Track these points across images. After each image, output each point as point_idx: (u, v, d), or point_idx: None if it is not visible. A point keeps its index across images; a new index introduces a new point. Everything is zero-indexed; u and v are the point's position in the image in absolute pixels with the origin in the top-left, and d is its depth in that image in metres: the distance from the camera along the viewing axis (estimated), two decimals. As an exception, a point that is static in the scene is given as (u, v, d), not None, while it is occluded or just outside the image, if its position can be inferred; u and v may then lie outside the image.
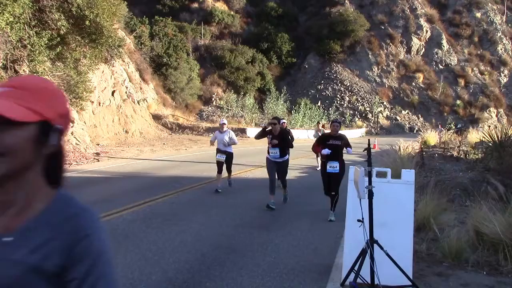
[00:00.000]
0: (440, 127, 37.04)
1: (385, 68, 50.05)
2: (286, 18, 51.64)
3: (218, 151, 9.05)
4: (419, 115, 47.41)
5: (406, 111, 47.73)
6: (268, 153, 7.64)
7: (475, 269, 4.34)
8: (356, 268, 3.64)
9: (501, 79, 50.67)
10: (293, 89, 47.71)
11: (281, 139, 7.45)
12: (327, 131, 9.68)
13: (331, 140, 6.74)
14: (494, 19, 53.88)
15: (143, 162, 14.49)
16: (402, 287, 3.67)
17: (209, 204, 7.72)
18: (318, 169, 10.13)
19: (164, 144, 22.28)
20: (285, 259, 4.79)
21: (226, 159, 8.93)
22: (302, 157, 15.94)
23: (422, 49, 51.30)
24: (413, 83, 49.08)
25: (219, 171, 8.94)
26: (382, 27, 51.47)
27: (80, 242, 0.96)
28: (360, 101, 47.38)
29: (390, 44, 50.77)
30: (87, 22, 15.58)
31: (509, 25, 54.95)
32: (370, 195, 3.64)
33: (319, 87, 48.52)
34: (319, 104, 45.10)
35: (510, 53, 52.35)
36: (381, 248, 3.60)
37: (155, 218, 6.45)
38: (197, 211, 7.08)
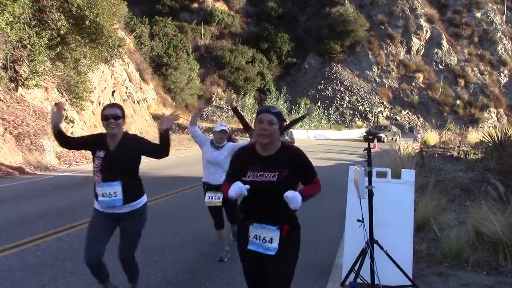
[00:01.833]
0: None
1: (385, 68, 50.05)
2: (286, 18, 51.66)
3: (208, 186, 4.69)
4: (419, 115, 47.41)
5: (406, 111, 47.74)
6: (96, 196, 3.35)
7: (475, 269, 4.34)
8: (356, 268, 3.64)
9: (501, 79, 50.67)
10: (293, 89, 47.72)
11: (124, 162, 3.32)
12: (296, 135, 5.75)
13: (251, 169, 2.60)
14: (494, 19, 53.87)
15: (143, 162, 14.46)
16: (402, 287, 3.67)
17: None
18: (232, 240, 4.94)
19: (164, 144, 22.25)
20: (285, 259, 4.78)
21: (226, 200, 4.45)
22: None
23: (422, 49, 51.29)
24: (413, 83, 49.09)
25: (218, 223, 4.72)
26: (382, 27, 51.46)
27: None
28: (360, 101, 47.38)
29: (390, 44, 50.77)
30: (87, 22, 15.59)
31: (509, 25, 54.95)
32: (370, 195, 3.64)
33: (319, 87, 48.51)
34: (319, 104, 45.11)
35: (510, 53, 52.35)
36: (381, 248, 3.60)
37: (155, 218, 6.44)
38: (197, 211, 7.06)
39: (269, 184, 2.54)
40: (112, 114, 3.22)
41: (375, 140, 25.59)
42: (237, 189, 2.51)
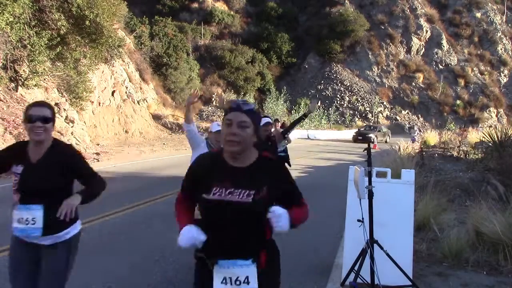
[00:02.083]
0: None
1: (385, 68, 50.05)
2: (286, 18, 51.64)
3: None
4: (419, 115, 47.42)
5: (406, 111, 47.73)
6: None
7: (475, 269, 4.34)
8: (356, 268, 3.65)
9: (501, 79, 50.68)
10: (293, 89, 47.70)
11: (50, 179, 2.46)
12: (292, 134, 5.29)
13: (217, 185, 1.93)
14: (494, 19, 53.87)
15: (143, 162, 14.49)
16: (402, 287, 3.67)
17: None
18: None
19: (164, 144, 22.28)
20: (285, 259, 4.77)
21: None
22: (301, 158, 15.94)
23: (422, 49, 51.29)
24: (413, 83, 49.08)
25: None
26: (382, 27, 51.46)
27: None
28: (360, 101, 47.38)
29: (390, 44, 50.76)
30: (87, 22, 15.59)
31: (509, 25, 54.95)
32: (370, 195, 3.64)
33: (319, 87, 48.51)
34: (319, 104, 45.12)
35: (510, 53, 52.34)
36: (381, 248, 3.60)
37: (155, 218, 6.45)
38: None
39: (241, 205, 1.87)
40: (39, 116, 2.37)
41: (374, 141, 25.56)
42: (189, 237, 1.92)
